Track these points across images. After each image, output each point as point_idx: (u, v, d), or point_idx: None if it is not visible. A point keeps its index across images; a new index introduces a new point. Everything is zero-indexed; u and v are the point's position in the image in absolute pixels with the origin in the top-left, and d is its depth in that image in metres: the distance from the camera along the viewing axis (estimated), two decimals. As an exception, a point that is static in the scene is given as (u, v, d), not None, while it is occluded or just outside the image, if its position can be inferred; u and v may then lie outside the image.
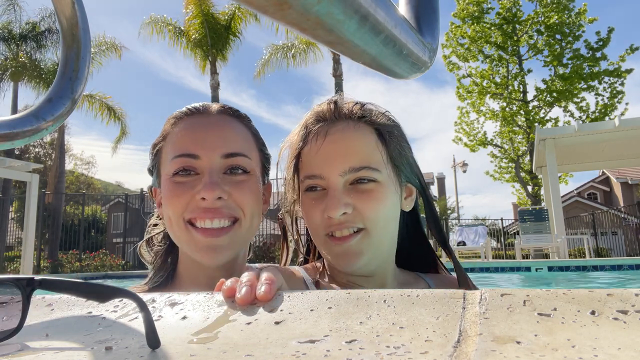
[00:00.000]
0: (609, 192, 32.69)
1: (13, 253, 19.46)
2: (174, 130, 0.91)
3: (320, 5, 0.41)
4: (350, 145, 0.82)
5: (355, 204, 0.81)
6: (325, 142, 0.82)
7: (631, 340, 0.32)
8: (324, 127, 0.84)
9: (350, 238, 0.81)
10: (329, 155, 0.82)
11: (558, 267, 7.63)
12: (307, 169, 0.84)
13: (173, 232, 0.89)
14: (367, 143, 0.84)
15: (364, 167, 0.81)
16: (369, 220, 0.81)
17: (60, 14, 1.38)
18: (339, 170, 0.81)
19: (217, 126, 0.91)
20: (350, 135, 0.83)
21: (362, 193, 0.81)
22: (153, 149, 0.95)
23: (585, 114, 18.40)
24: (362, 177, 0.81)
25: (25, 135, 1.25)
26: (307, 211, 0.85)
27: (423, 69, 0.86)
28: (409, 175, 0.90)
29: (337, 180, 0.81)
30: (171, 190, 0.86)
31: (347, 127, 0.84)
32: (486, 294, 0.41)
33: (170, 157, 0.87)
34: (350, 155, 0.81)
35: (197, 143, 0.87)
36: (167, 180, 0.87)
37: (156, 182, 0.95)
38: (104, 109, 19.62)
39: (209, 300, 0.49)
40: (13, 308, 0.45)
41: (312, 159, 0.83)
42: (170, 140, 0.90)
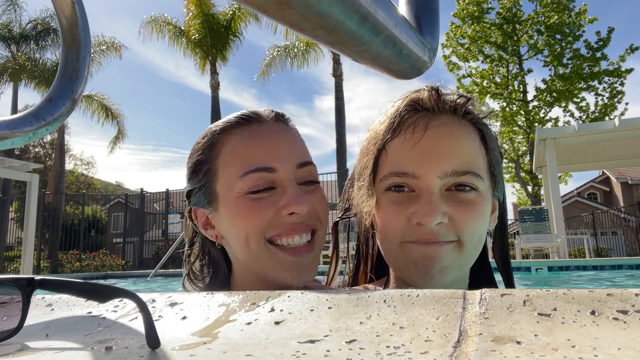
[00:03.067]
0: (609, 192, 32.69)
1: (13, 253, 19.46)
2: (230, 144, 0.81)
3: (320, 6, 0.41)
4: (455, 145, 0.70)
5: (452, 213, 0.69)
6: (426, 136, 0.69)
7: (631, 340, 0.32)
8: (423, 118, 0.71)
9: (441, 246, 0.69)
10: (429, 151, 0.69)
11: (558, 267, 7.63)
12: (395, 164, 0.71)
13: (249, 252, 0.78)
14: (473, 145, 0.72)
15: (468, 172, 0.69)
16: (464, 234, 0.70)
17: (60, 14, 1.38)
18: (439, 172, 0.68)
19: (281, 134, 0.83)
20: (455, 132, 0.70)
21: (461, 202, 0.69)
22: (199, 169, 0.83)
23: (585, 114, 18.41)
24: (464, 184, 0.69)
25: (25, 135, 1.25)
26: (384, 214, 0.72)
27: (423, 68, 0.86)
28: (502, 188, 0.79)
29: (434, 183, 0.69)
30: (250, 207, 0.77)
31: (452, 123, 0.71)
32: (486, 294, 0.41)
33: (238, 174, 0.78)
34: (454, 155, 0.69)
35: (270, 155, 0.78)
36: (240, 198, 0.77)
37: (204, 202, 0.83)
38: (101, 109, 19.65)
39: (209, 300, 0.49)
40: (13, 308, 0.45)
41: (405, 154, 0.70)
42: (231, 156, 0.80)
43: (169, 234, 16.92)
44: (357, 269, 0.92)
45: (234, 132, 0.82)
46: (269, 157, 0.78)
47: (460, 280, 0.78)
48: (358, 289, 0.80)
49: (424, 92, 0.74)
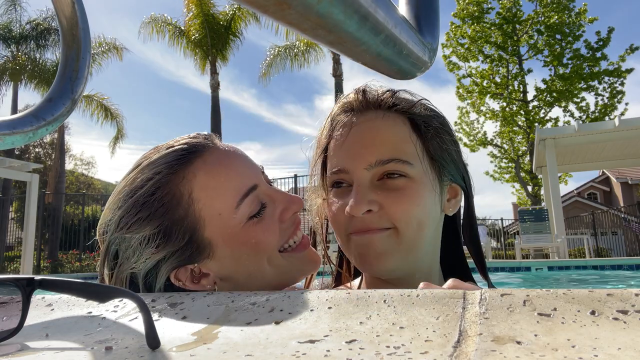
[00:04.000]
0: (609, 192, 32.69)
1: (13, 253, 19.46)
2: (199, 185, 0.74)
3: (320, 6, 0.41)
4: (377, 136, 0.73)
5: (382, 202, 0.72)
6: (351, 133, 0.74)
7: (631, 340, 0.32)
8: (350, 118, 0.76)
9: (374, 233, 0.72)
10: (354, 146, 0.74)
11: (558, 267, 7.63)
12: (332, 163, 0.77)
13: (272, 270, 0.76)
14: (397, 133, 0.75)
15: (393, 160, 0.72)
16: (398, 221, 0.72)
17: (60, 14, 1.38)
18: (364, 163, 0.72)
19: (233, 152, 0.79)
20: (378, 124, 0.74)
21: (390, 190, 0.72)
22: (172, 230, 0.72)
23: (585, 114, 18.41)
24: (391, 171, 0.72)
25: (25, 135, 1.25)
26: (330, 209, 0.77)
27: (423, 68, 0.86)
28: (453, 172, 0.80)
29: (361, 175, 0.73)
30: (260, 231, 0.76)
31: (375, 117, 0.75)
32: (486, 294, 0.41)
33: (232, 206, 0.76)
34: (377, 146, 0.73)
35: (245, 174, 0.78)
36: (244, 227, 0.75)
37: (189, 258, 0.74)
38: (101, 110, 19.65)
39: (209, 300, 0.49)
40: (13, 308, 0.45)
41: (337, 152, 0.76)
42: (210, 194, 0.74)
43: (169, 234, 16.90)
44: (340, 267, 0.94)
45: (192, 169, 0.71)
46: (244, 177, 0.74)
47: (419, 267, 0.78)
48: (358, 290, 0.80)
49: (351, 94, 0.79)
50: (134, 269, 0.70)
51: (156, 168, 0.71)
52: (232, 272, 0.74)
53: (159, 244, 0.69)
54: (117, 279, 0.71)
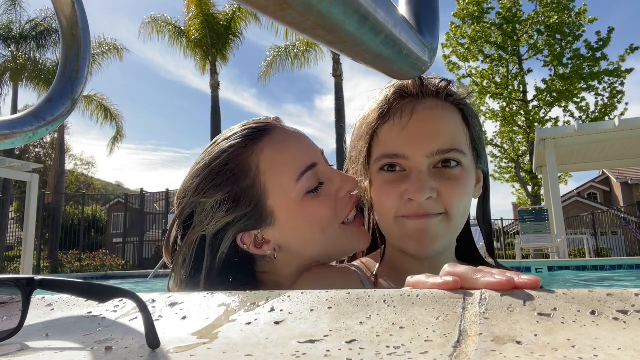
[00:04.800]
0: (609, 192, 32.69)
1: (13, 253, 19.46)
2: (265, 159, 0.84)
3: (321, 6, 0.41)
4: (439, 126, 0.77)
5: (439, 189, 0.76)
6: (412, 120, 0.76)
7: (631, 340, 0.32)
8: (409, 104, 0.78)
9: (430, 219, 0.76)
10: (416, 134, 0.76)
11: (558, 267, 7.63)
12: (386, 147, 0.78)
13: (327, 241, 0.83)
14: (455, 123, 0.79)
15: (452, 149, 0.76)
16: (451, 206, 0.77)
17: (60, 14, 1.38)
18: (426, 151, 0.75)
19: (296, 133, 0.89)
20: (439, 114, 0.77)
21: (448, 178, 0.76)
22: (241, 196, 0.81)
23: (585, 114, 18.40)
24: (450, 160, 0.76)
25: (25, 135, 1.25)
26: (379, 192, 0.79)
27: (423, 68, 0.86)
28: (484, 159, 0.86)
29: (422, 161, 0.75)
30: (318, 204, 0.84)
31: (435, 106, 0.78)
32: (486, 294, 0.41)
33: (293, 179, 0.84)
34: (438, 136, 0.76)
35: (306, 153, 0.86)
36: (304, 200, 0.83)
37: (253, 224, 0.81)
38: (100, 110, 19.66)
39: (209, 300, 0.49)
40: (13, 308, 0.45)
41: (395, 138, 0.77)
42: (275, 167, 0.84)
43: (169, 234, 16.90)
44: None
45: (261, 146, 0.80)
46: (306, 155, 0.82)
47: (449, 247, 0.84)
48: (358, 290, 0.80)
49: (412, 80, 0.80)
50: (205, 231, 0.78)
51: (230, 142, 0.81)
52: (290, 241, 0.81)
53: (228, 209, 0.78)
54: (188, 239, 0.79)
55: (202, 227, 0.79)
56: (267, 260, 0.83)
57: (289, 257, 0.83)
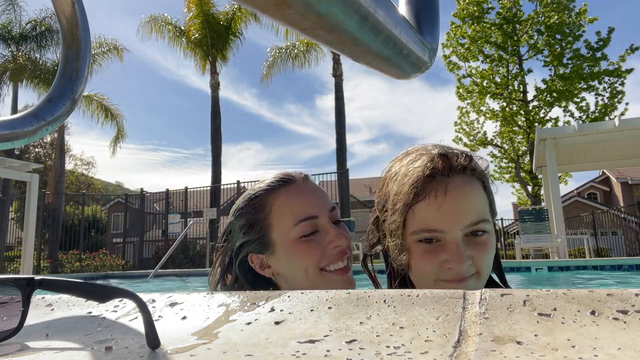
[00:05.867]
0: (609, 192, 32.68)
1: (13, 253, 19.45)
2: (278, 202, 1.02)
3: (321, 6, 0.41)
4: (469, 202, 0.88)
5: (473, 255, 0.87)
6: (446, 199, 0.86)
7: (631, 340, 0.32)
8: (441, 183, 0.88)
9: (467, 280, 0.88)
10: (451, 211, 0.86)
11: (558, 267, 7.63)
12: (424, 223, 0.88)
13: (308, 281, 0.98)
14: (480, 196, 0.90)
15: (480, 221, 0.88)
16: (482, 267, 0.89)
17: (60, 14, 1.38)
18: (461, 226, 0.86)
19: (313, 189, 1.08)
20: (467, 191, 0.89)
21: (477, 244, 0.88)
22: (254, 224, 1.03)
23: (585, 114, 18.38)
24: (478, 230, 0.88)
25: (25, 135, 1.25)
26: (420, 261, 0.90)
27: (423, 68, 0.86)
28: (495, 214, 0.97)
29: (458, 235, 0.86)
30: (305, 248, 0.99)
31: (463, 184, 0.89)
32: (486, 294, 0.41)
33: (292, 223, 1.00)
34: (469, 211, 0.87)
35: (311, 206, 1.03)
36: (295, 242, 0.99)
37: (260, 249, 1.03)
38: (101, 110, 19.65)
39: (209, 300, 0.49)
40: (13, 308, 0.45)
41: (432, 215, 0.87)
42: (282, 210, 1.02)
43: (169, 234, 16.91)
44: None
45: (278, 192, 1.03)
46: (311, 208, 1.00)
47: None
48: (358, 290, 0.81)
49: (436, 161, 0.89)
50: (233, 246, 1.05)
51: (264, 183, 1.07)
52: (283, 271, 1.01)
53: (245, 232, 1.03)
54: (224, 248, 1.07)
55: (232, 242, 1.05)
56: (277, 283, 1.04)
57: (284, 283, 1.02)
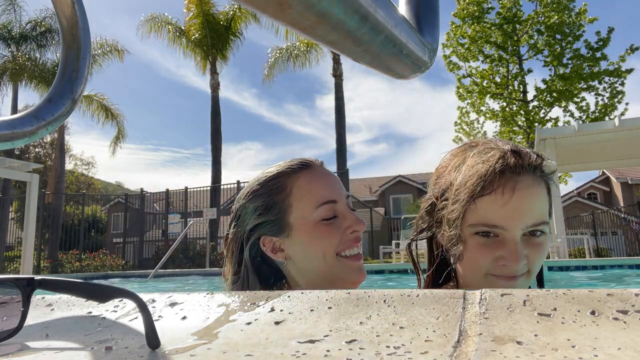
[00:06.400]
0: (609, 192, 32.68)
1: (13, 253, 19.45)
2: (298, 185, 1.01)
3: (320, 6, 0.41)
4: (534, 202, 0.87)
5: (528, 254, 0.87)
6: (514, 197, 0.86)
7: (631, 340, 0.32)
8: (510, 181, 0.86)
9: (518, 279, 0.88)
10: (516, 210, 0.85)
11: (558, 267, 7.63)
12: (486, 217, 0.87)
13: (325, 265, 0.98)
14: (544, 198, 0.90)
15: (541, 223, 0.87)
16: (533, 267, 0.89)
17: (60, 14, 1.38)
18: (523, 226, 0.86)
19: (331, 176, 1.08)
20: (534, 192, 0.88)
21: (534, 245, 0.88)
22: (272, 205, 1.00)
23: (585, 114, 18.37)
24: (537, 230, 0.87)
25: (25, 135, 1.25)
26: (475, 253, 0.89)
27: (423, 68, 0.86)
28: (551, 215, 0.97)
29: (518, 233, 0.86)
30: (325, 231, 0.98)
31: (532, 183, 0.88)
32: (486, 294, 0.41)
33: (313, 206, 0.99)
34: (533, 211, 0.87)
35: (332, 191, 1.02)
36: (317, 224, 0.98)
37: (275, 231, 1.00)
38: (101, 110, 19.66)
39: (209, 300, 0.49)
40: (13, 308, 0.45)
41: (497, 210, 0.86)
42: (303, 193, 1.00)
43: (169, 234, 16.91)
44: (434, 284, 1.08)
45: (298, 175, 1.02)
46: (332, 193, 1.01)
47: None
48: (358, 290, 0.81)
49: (511, 155, 0.88)
50: (243, 230, 1.01)
51: (280, 166, 1.04)
52: (297, 254, 0.99)
53: (261, 213, 1.00)
54: (234, 234, 1.03)
55: (242, 226, 1.02)
56: (285, 268, 1.02)
57: (295, 270, 1.00)
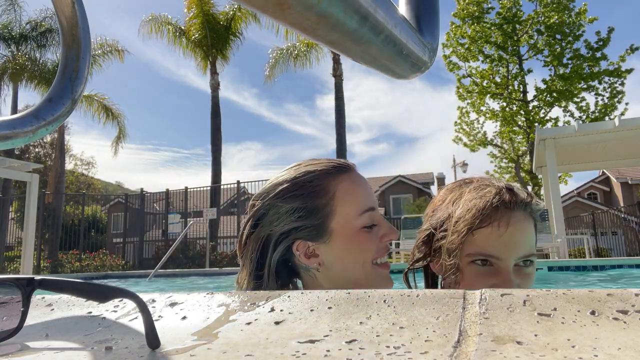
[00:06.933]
0: (609, 192, 32.68)
1: (13, 253, 19.44)
2: (341, 188, 0.97)
3: (320, 6, 0.41)
4: (525, 235, 0.96)
5: (519, 283, 0.95)
6: (508, 230, 0.94)
7: (631, 340, 0.32)
8: (505, 215, 0.95)
9: None
10: (510, 242, 0.94)
11: (558, 267, 7.63)
12: (482, 248, 0.95)
13: (363, 273, 0.97)
14: (533, 233, 0.99)
15: (531, 254, 0.97)
16: None
17: (60, 14, 1.38)
18: (516, 257, 0.94)
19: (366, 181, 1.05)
20: (525, 226, 0.97)
21: (524, 275, 0.96)
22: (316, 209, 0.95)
23: (585, 114, 18.37)
24: (527, 260, 0.96)
25: (25, 135, 1.25)
26: (471, 281, 0.96)
27: (423, 68, 0.86)
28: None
29: (511, 263, 0.94)
30: (367, 239, 0.96)
31: (523, 219, 0.97)
32: (486, 294, 0.41)
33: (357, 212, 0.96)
34: (525, 244, 0.96)
35: (371, 197, 1.01)
36: (359, 232, 0.96)
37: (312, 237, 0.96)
38: (101, 110, 19.68)
39: (209, 300, 0.49)
40: (13, 308, 0.45)
41: (493, 242, 0.94)
42: (347, 197, 0.98)
43: (169, 234, 16.91)
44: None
45: (341, 178, 0.97)
46: (371, 199, 0.99)
47: None
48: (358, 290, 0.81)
49: (506, 193, 0.97)
50: (272, 231, 0.94)
51: (318, 167, 0.98)
52: (334, 261, 0.94)
53: (300, 216, 0.93)
54: (256, 236, 0.95)
55: (271, 227, 0.94)
56: (310, 275, 0.97)
57: (325, 277, 0.96)
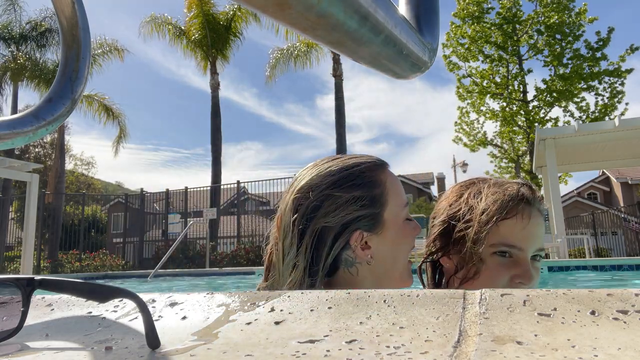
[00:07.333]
0: (609, 192, 32.69)
1: (13, 253, 19.45)
2: (388, 180, 0.97)
3: (320, 6, 0.41)
4: (541, 229, 1.03)
5: (533, 274, 1.01)
6: (530, 222, 1.00)
7: (631, 340, 0.32)
8: (527, 208, 1.01)
9: None
10: (531, 234, 1.00)
11: (558, 267, 7.63)
12: (507, 238, 0.99)
13: (402, 267, 0.98)
14: (544, 228, 1.06)
15: (542, 249, 1.03)
16: (531, 286, 0.99)
17: (60, 14, 1.38)
18: (535, 248, 1.00)
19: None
20: (540, 221, 1.03)
21: (535, 268, 1.01)
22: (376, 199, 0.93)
23: (585, 114, 18.37)
24: (538, 255, 1.02)
25: (25, 135, 1.25)
26: (493, 271, 1.00)
27: (423, 68, 0.86)
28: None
29: (529, 255, 0.99)
30: (410, 231, 0.98)
31: (538, 214, 1.03)
32: (486, 294, 0.41)
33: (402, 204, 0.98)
34: (540, 237, 1.02)
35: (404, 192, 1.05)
36: (404, 223, 0.97)
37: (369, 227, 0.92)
38: (102, 110, 19.69)
39: (209, 300, 0.49)
40: (13, 308, 0.45)
41: (517, 233, 0.99)
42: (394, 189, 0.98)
43: (169, 234, 16.91)
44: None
45: (387, 172, 0.99)
46: (404, 194, 1.00)
47: None
48: (358, 290, 0.81)
49: (526, 188, 1.03)
50: (328, 222, 0.88)
51: (362, 159, 0.97)
52: (384, 254, 0.92)
53: (363, 204, 0.90)
54: (310, 229, 0.88)
55: (327, 219, 0.88)
56: (350, 272, 0.91)
57: (371, 269, 0.91)
